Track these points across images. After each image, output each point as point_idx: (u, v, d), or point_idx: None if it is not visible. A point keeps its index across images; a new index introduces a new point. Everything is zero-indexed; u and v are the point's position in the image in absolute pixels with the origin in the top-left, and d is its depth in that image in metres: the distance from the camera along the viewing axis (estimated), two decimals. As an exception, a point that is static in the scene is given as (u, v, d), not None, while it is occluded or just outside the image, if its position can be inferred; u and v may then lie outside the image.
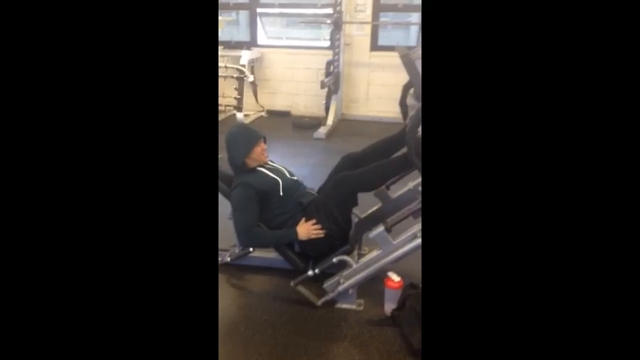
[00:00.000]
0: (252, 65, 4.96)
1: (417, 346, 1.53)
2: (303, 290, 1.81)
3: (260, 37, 5.19)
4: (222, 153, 1.42)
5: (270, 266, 2.06)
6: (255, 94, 5.03)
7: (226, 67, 4.66)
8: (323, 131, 4.31)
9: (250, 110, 4.98)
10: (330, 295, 1.78)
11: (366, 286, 1.82)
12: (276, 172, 1.91)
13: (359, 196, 1.93)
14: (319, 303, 1.79)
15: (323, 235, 1.81)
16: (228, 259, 2.01)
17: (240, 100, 4.67)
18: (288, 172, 1.97)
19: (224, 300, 1.87)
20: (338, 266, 1.81)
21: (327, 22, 4.47)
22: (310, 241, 1.81)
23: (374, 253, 1.74)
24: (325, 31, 5.02)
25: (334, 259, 1.78)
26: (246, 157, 1.86)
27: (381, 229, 1.69)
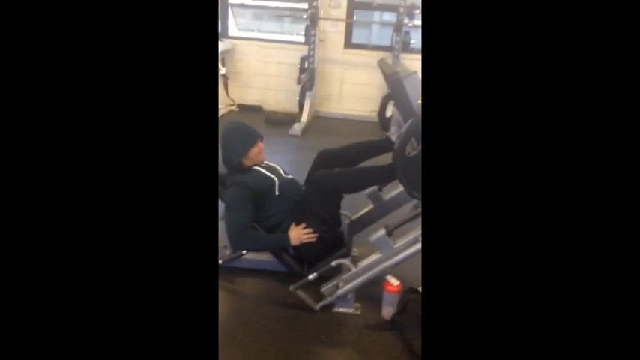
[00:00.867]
0: (223, 57, 4.83)
1: (419, 352, 1.54)
2: (301, 294, 1.78)
3: (231, 29, 5.05)
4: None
5: (262, 268, 2.00)
6: (226, 87, 4.90)
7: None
8: (298, 128, 4.27)
9: (220, 104, 4.84)
10: (329, 299, 1.75)
11: (362, 289, 1.80)
12: (272, 171, 1.86)
13: (354, 197, 1.91)
14: (317, 307, 1.76)
15: (315, 239, 1.77)
16: (219, 261, 1.94)
17: (211, 93, 4.53)
18: (282, 171, 1.92)
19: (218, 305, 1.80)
20: (334, 269, 1.79)
21: (303, 17, 4.40)
22: (304, 244, 1.78)
23: (374, 256, 1.73)
24: (298, 26, 4.95)
25: (332, 262, 1.76)
26: (243, 157, 1.79)
27: (382, 232, 1.68)
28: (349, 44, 4.89)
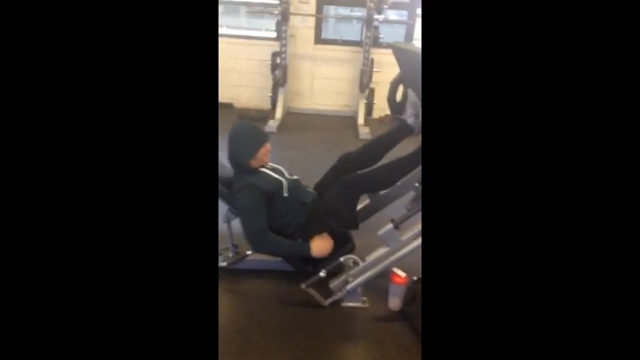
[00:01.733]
0: (192, 54, 4.71)
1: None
2: (311, 291, 1.79)
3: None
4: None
5: (266, 268, 2.00)
6: (196, 84, 4.79)
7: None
8: (274, 125, 4.24)
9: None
10: (339, 295, 1.78)
11: (366, 283, 1.83)
12: (277, 172, 1.86)
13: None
14: (327, 303, 1.79)
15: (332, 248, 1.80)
16: (224, 263, 1.92)
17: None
18: (287, 172, 1.92)
19: (229, 307, 1.80)
20: (340, 265, 1.82)
21: (274, 12, 4.37)
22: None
23: (381, 250, 1.77)
24: (267, 21, 4.91)
25: (341, 258, 1.79)
26: (252, 157, 1.78)
27: (390, 226, 1.72)
28: (319, 39, 4.90)
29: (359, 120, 4.50)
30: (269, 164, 1.90)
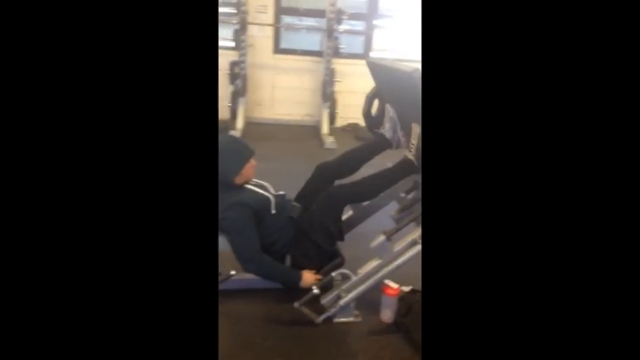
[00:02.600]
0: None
1: (430, 350, 1.58)
2: (303, 309, 1.73)
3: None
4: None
5: (248, 288, 1.91)
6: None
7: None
8: (235, 135, 4.14)
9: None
10: (332, 311, 1.73)
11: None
12: (263, 189, 1.79)
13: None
14: (319, 320, 1.73)
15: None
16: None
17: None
18: (271, 188, 1.86)
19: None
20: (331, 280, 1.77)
21: (232, 21, 4.28)
22: (303, 258, 1.74)
23: (373, 262, 1.74)
24: (225, 30, 4.80)
25: (333, 273, 1.74)
26: (237, 174, 1.70)
27: (382, 238, 1.70)
28: (278, 49, 4.85)
29: (323, 129, 4.49)
30: (253, 180, 1.83)
